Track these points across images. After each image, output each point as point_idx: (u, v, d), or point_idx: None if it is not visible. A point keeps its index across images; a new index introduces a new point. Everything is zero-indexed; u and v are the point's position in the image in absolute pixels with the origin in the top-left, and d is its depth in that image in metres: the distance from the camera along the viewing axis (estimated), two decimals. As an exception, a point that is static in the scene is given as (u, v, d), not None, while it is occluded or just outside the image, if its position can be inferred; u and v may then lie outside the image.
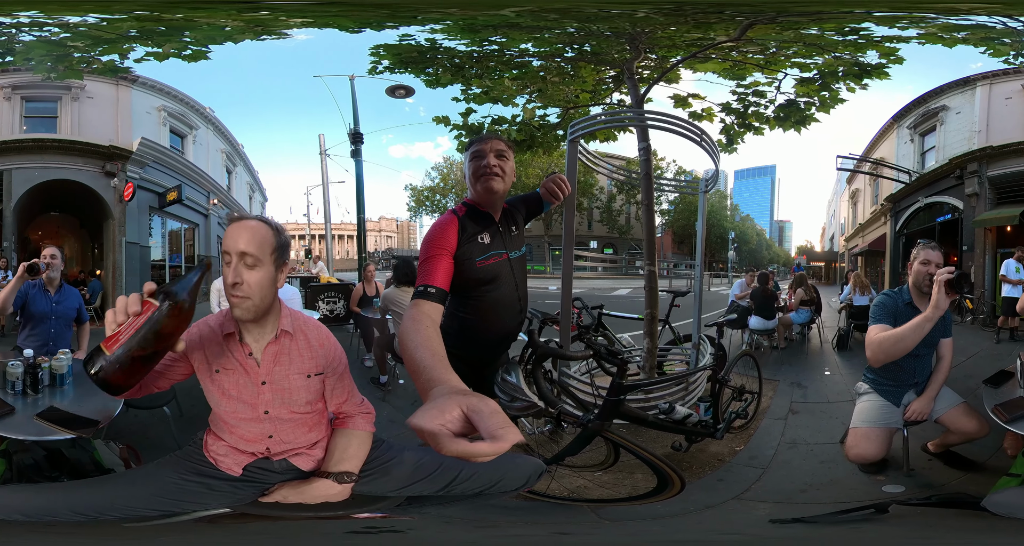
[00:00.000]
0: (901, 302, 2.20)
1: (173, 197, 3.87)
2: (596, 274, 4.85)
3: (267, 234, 1.38)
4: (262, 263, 1.36)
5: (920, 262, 2.18)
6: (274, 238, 1.39)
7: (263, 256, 1.36)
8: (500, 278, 1.76)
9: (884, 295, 2.25)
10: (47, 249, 2.66)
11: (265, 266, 1.37)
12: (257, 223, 1.39)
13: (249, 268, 1.35)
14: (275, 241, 1.39)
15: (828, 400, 3.10)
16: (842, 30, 2.81)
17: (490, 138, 1.73)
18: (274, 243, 1.39)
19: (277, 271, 1.40)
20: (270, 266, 1.38)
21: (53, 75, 3.13)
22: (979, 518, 1.71)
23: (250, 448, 1.48)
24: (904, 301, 2.20)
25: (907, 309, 2.17)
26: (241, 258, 1.35)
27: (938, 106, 3.83)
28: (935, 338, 2.18)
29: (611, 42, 3.03)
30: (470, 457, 0.66)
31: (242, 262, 1.35)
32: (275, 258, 1.39)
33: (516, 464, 1.63)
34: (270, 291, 1.40)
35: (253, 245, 1.35)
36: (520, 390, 1.51)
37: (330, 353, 1.50)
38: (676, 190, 4.67)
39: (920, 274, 2.17)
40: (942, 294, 1.89)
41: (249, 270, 1.35)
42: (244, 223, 1.38)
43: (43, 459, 1.85)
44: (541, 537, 1.76)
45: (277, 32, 2.84)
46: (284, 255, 1.42)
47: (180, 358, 1.47)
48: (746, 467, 2.47)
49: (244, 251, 1.34)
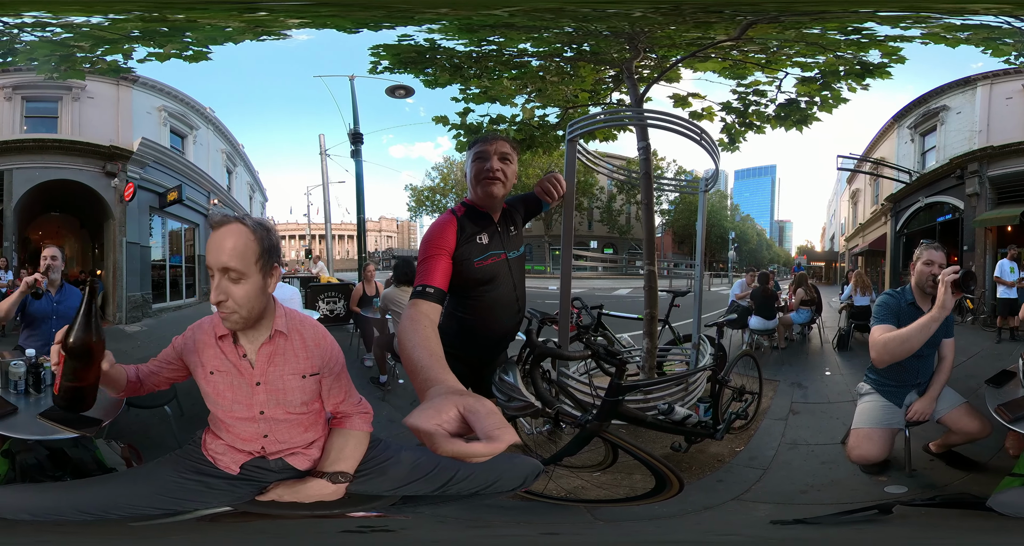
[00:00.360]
0: (904, 302, 2.19)
1: (173, 197, 3.87)
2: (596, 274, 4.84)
3: (249, 241, 1.30)
4: (247, 276, 1.30)
5: (923, 262, 2.17)
6: (257, 244, 1.31)
7: (247, 268, 1.29)
8: (498, 278, 1.76)
9: (887, 295, 2.24)
10: (47, 249, 2.64)
11: (251, 277, 1.30)
12: (238, 228, 1.30)
13: (234, 283, 1.29)
14: (259, 247, 1.31)
15: (829, 400, 3.09)
16: (845, 29, 2.80)
17: (495, 139, 1.71)
18: (258, 250, 1.31)
19: (265, 278, 1.34)
20: (256, 276, 1.31)
21: (56, 75, 3.14)
22: (984, 518, 1.70)
23: (246, 447, 1.48)
24: (907, 301, 2.19)
25: (910, 309, 2.16)
26: (224, 273, 1.29)
27: (939, 106, 3.83)
28: (937, 338, 2.16)
29: (610, 42, 3.03)
30: (466, 457, 0.67)
31: (225, 277, 1.29)
32: (261, 266, 1.32)
33: (513, 464, 1.62)
34: (259, 300, 1.34)
35: (235, 258, 1.28)
36: (517, 390, 1.50)
37: (326, 353, 1.48)
38: (676, 190, 4.67)
39: (923, 274, 2.16)
40: (948, 294, 1.87)
41: (234, 285, 1.29)
42: (224, 231, 1.30)
43: (46, 459, 1.86)
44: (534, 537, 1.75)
45: (277, 33, 2.84)
46: (272, 259, 1.34)
47: (174, 361, 1.48)
48: (746, 468, 2.46)
49: (226, 266, 1.27)
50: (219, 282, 1.29)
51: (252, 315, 1.35)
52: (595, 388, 2.02)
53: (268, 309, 1.42)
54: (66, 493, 1.43)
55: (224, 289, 1.29)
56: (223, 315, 1.34)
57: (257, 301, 1.34)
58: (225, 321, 1.35)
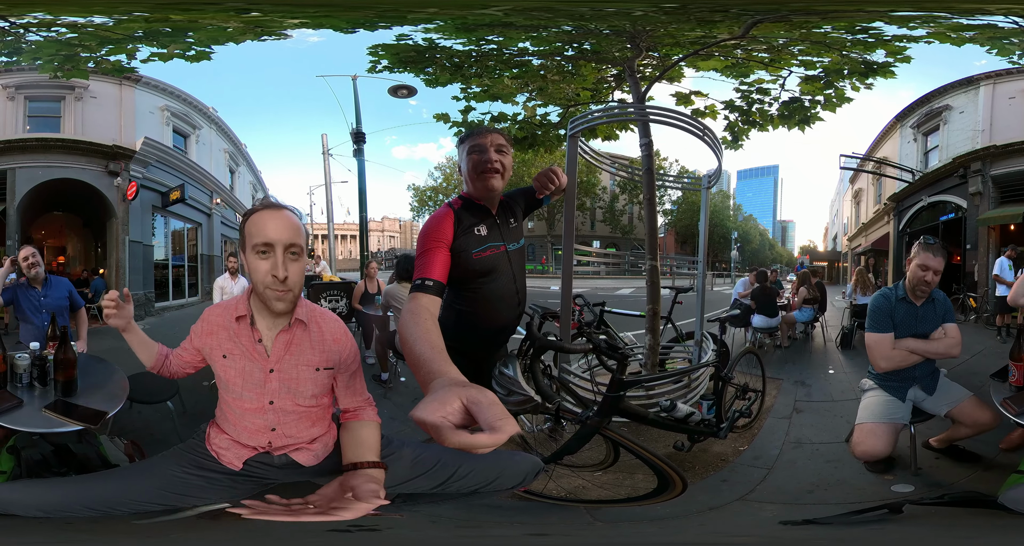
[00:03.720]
0: (895, 298, 2.24)
1: (176, 196, 3.89)
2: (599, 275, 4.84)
3: (299, 225, 1.37)
4: (302, 256, 1.35)
5: (919, 265, 2.18)
6: (303, 228, 1.39)
7: (303, 247, 1.36)
8: (497, 270, 1.75)
9: (878, 296, 2.28)
10: (23, 250, 2.72)
11: (303, 258, 1.36)
12: (289, 213, 1.37)
13: (294, 260, 1.33)
14: (305, 232, 1.39)
15: (832, 398, 3.08)
16: (852, 29, 2.79)
17: (489, 132, 1.71)
18: (305, 235, 1.39)
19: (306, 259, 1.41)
20: (304, 258, 1.38)
21: (60, 74, 3.15)
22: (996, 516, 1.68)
23: (252, 441, 1.47)
24: (898, 296, 2.24)
25: (901, 304, 2.22)
26: (287, 250, 1.32)
27: (941, 106, 3.83)
28: (934, 325, 2.22)
29: (612, 40, 3.02)
30: (470, 448, 0.68)
31: (287, 253, 1.32)
32: (305, 250, 1.39)
33: (514, 461, 1.60)
34: (303, 280, 1.39)
35: (299, 235, 1.33)
36: (517, 383, 1.49)
37: (344, 350, 1.48)
38: (678, 186, 4.66)
39: (916, 278, 2.18)
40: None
41: (293, 262, 1.33)
42: (281, 213, 1.35)
43: (51, 455, 1.85)
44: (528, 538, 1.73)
45: (277, 32, 2.84)
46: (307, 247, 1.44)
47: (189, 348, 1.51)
48: (750, 467, 2.44)
49: (293, 242, 1.32)
50: (283, 259, 1.32)
51: (298, 296, 1.39)
52: (596, 384, 2.00)
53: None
54: (74, 488, 1.44)
55: (287, 265, 1.33)
56: (280, 295, 1.35)
57: (302, 282, 1.39)
58: (279, 302, 1.36)
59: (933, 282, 2.17)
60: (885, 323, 2.21)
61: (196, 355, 1.53)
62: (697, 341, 3.11)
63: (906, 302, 2.22)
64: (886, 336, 2.20)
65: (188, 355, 1.54)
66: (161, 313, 3.88)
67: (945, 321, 2.23)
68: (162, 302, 4.00)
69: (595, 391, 1.99)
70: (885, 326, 2.21)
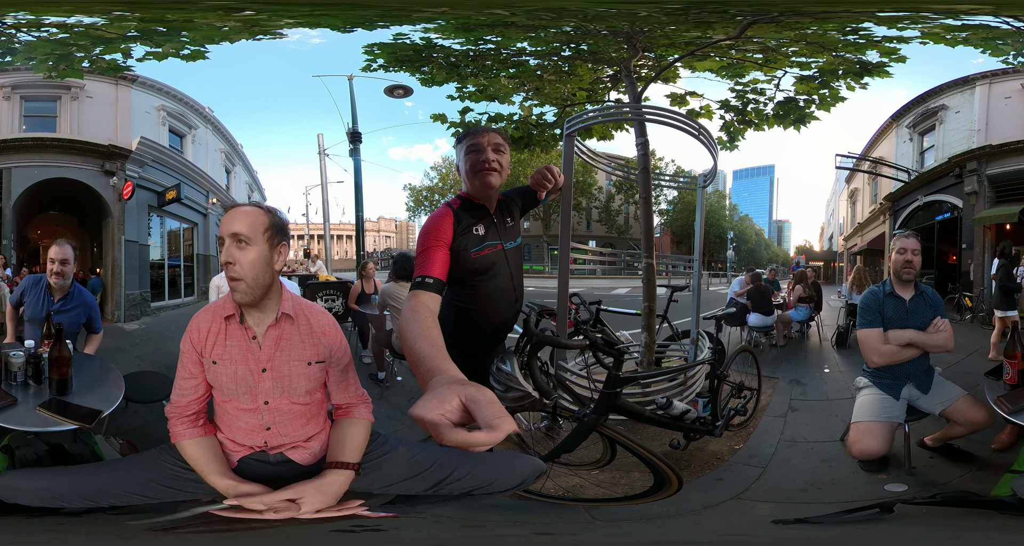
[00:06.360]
0: (883, 294, 2.28)
1: (172, 196, 3.88)
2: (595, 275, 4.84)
3: (259, 215, 1.39)
4: (253, 242, 1.37)
5: (897, 251, 2.28)
6: (267, 218, 1.40)
7: (254, 235, 1.37)
8: (495, 268, 1.77)
9: (867, 293, 2.34)
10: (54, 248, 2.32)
11: (256, 245, 1.37)
12: (250, 207, 1.41)
13: (240, 248, 1.36)
14: (267, 221, 1.40)
15: (828, 397, 3.08)
16: (843, 30, 2.81)
17: (486, 131, 1.72)
18: (266, 223, 1.39)
19: (272, 251, 1.40)
20: (263, 245, 1.38)
21: (54, 74, 3.14)
22: (986, 517, 1.69)
23: (248, 441, 1.47)
24: (886, 292, 2.28)
25: (889, 299, 2.27)
26: (233, 239, 1.36)
27: (937, 105, 3.84)
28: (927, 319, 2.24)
29: (608, 41, 3.03)
30: (468, 446, 0.68)
31: (233, 243, 1.36)
32: (268, 237, 1.39)
33: (513, 464, 1.60)
34: (264, 271, 1.39)
35: (244, 225, 1.36)
36: (515, 379, 1.50)
37: (334, 343, 1.49)
38: (675, 186, 4.67)
39: (898, 263, 2.27)
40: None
41: (240, 250, 1.36)
42: (237, 208, 1.40)
43: (45, 454, 1.84)
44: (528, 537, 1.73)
45: (272, 32, 2.84)
46: (279, 235, 1.42)
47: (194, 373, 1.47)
48: (745, 466, 2.45)
49: (235, 232, 1.36)
50: (228, 247, 1.36)
51: (258, 285, 1.38)
52: (593, 382, 2.00)
53: (274, 289, 1.44)
54: (71, 477, 1.45)
55: (231, 253, 1.35)
56: (231, 284, 1.37)
57: (263, 272, 1.38)
58: (234, 292, 1.38)
59: (914, 262, 2.24)
60: (875, 318, 2.24)
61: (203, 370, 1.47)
62: (693, 339, 3.11)
63: (894, 297, 2.26)
64: (876, 331, 2.24)
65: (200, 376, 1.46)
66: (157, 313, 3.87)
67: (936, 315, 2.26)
68: (158, 302, 3.99)
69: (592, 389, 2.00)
70: (875, 321, 2.24)
